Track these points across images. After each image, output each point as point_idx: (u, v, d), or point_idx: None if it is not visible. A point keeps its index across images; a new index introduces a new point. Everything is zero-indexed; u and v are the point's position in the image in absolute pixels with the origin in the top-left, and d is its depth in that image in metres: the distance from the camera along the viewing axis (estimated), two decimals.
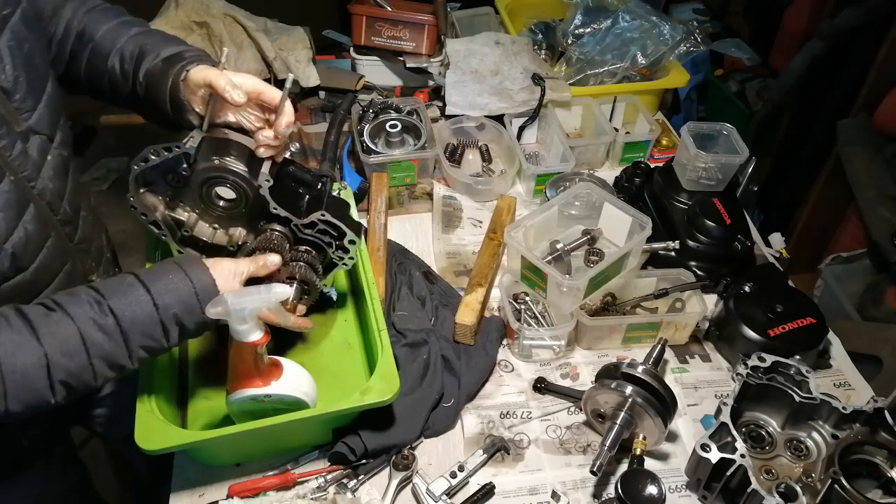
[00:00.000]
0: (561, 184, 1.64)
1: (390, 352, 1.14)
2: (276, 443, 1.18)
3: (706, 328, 1.41)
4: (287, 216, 1.10)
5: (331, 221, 1.12)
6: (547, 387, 1.30)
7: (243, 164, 1.06)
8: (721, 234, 1.46)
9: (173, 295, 0.95)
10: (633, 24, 1.89)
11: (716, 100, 3.17)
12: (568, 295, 1.29)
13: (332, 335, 1.34)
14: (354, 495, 1.13)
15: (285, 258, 1.11)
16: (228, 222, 1.14)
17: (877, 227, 2.22)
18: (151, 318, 0.93)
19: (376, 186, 1.59)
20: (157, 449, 1.01)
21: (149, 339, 0.94)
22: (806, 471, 1.15)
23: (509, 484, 1.17)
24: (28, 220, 0.96)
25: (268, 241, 1.10)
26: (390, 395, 1.08)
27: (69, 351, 0.88)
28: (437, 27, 1.91)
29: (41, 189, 1.00)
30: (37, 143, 0.99)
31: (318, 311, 1.37)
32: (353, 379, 1.26)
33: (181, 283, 0.96)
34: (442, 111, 1.84)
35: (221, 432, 1.04)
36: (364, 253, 1.30)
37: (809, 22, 2.66)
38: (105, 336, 0.90)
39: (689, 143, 1.50)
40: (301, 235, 1.13)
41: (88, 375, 0.90)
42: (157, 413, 1.05)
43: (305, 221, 1.11)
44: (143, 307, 0.93)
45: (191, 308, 0.96)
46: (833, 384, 1.35)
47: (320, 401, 1.14)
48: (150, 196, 1.10)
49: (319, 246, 1.16)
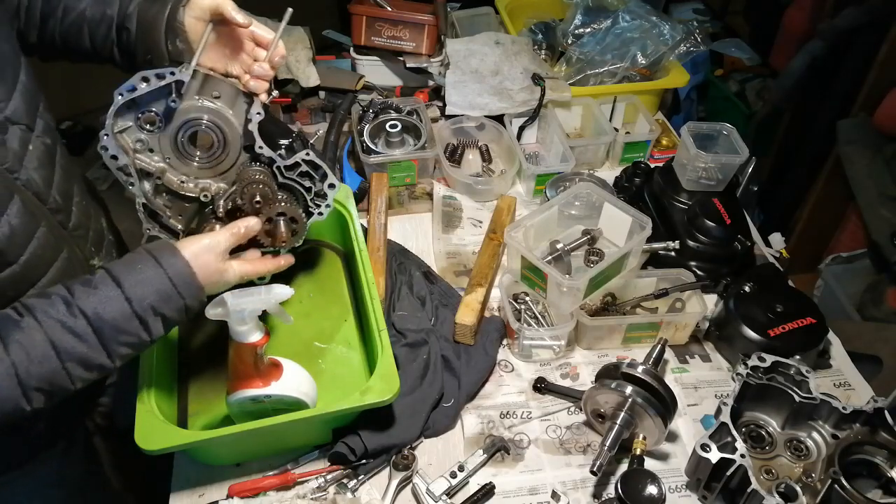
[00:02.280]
0: (561, 184, 1.64)
1: (390, 352, 1.13)
2: (276, 443, 1.18)
3: (706, 328, 1.41)
4: (271, 156, 1.10)
5: (314, 161, 1.12)
6: (547, 387, 1.30)
7: (228, 105, 1.05)
8: (721, 234, 1.46)
9: (146, 286, 0.92)
10: (633, 24, 1.89)
11: (716, 100, 3.17)
12: (568, 295, 1.29)
13: (333, 335, 1.34)
14: (354, 495, 1.13)
15: (272, 197, 1.10)
16: (199, 173, 1.11)
17: (877, 227, 2.22)
18: (124, 314, 0.90)
19: (376, 186, 1.59)
20: (157, 449, 1.01)
21: (126, 335, 0.91)
22: (806, 471, 1.15)
23: (509, 484, 1.17)
24: (13, 213, 0.94)
25: (252, 179, 1.08)
26: (390, 395, 1.08)
27: (38, 358, 0.85)
28: (437, 27, 1.90)
29: (26, 180, 0.98)
30: (17, 133, 0.98)
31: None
32: (353, 379, 1.26)
33: (152, 272, 0.93)
34: (442, 111, 1.84)
35: (221, 432, 1.04)
36: (364, 253, 1.30)
37: (809, 22, 2.65)
38: (76, 339, 0.87)
39: (689, 143, 1.50)
40: (281, 180, 1.12)
41: (63, 380, 0.88)
42: (156, 413, 1.05)
43: (290, 161, 1.10)
44: (114, 304, 0.90)
45: (167, 296, 0.93)
46: (833, 384, 1.35)
47: (320, 401, 1.14)
48: (121, 138, 1.06)
49: (297, 193, 1.15)
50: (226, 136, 1.08)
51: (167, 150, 1.08)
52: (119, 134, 1.05)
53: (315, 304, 1.40)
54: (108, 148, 1.05)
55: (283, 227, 1.12)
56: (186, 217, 1.13)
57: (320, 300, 1.41)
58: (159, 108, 1.05)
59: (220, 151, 1.09)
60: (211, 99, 1.06)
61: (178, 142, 1.07)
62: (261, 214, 1.10)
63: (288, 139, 1.14)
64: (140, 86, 1.01)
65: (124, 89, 1.01)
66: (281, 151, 1.12)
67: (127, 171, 1.07)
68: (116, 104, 1.02)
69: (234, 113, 1.07)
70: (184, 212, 1.13)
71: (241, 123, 1.08)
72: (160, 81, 1.01)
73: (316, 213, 1.18)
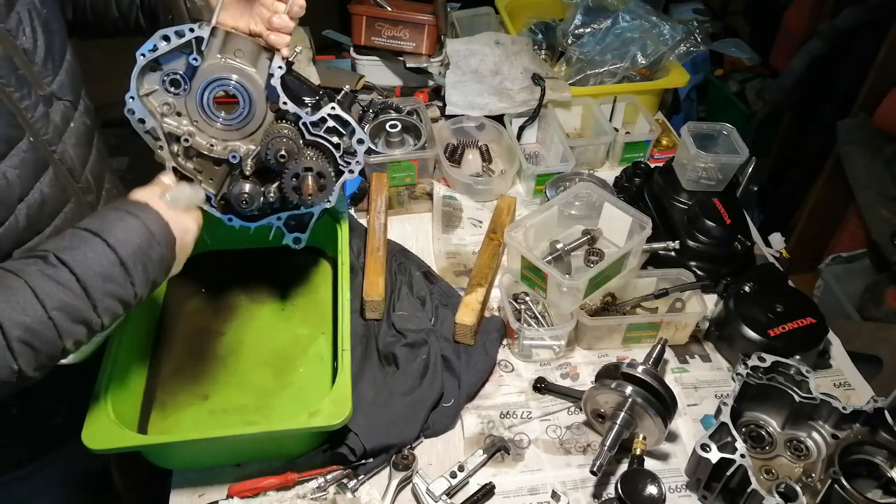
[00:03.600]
0: (561, 184, 1.64)
1: (348, 373, 1.10)
2: (241, 453, 1.17)
3: (706, 328, 1.41)
4: (297, 111, 1.07)
5: (341, 116, 1.09)
6: (547, 387, 1.30)
7: (250, 63, 1.04)
8: (721, 234, 1.46)
9: (126, 231, 0.90)
10: (633, 24, 1.89)
11: (716, 100, 3.17)
12: (568, 295, 1.29)
13: (307, 347, 1.32)
14: (354, 495, 1.13)
15: (298, 151, 1.08)
16: (227, 135, 1.09)
17: (877, 227, 2.22)
18: (108, 258, 0.87)
19: (376, 186, 1.59)
20: (102, 448, 1.00)
21: (112, 283, 0.88)
22: (806, 471, 1.15)
23: (509, 484, 1.17)
24: (45, 182, 0.97)
25: (276, 135, 1.06)
26: (339, 420, 1.04)
27: (21, 306, 0.80)
28: (437, 27, 1.90)
29: (62, 154, 1.01)
30: (60, 108, 1.01)
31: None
32: (317, 395, 1.23)
33: (128, 219, 0.91)
34: (442, 111, 1.84)
35: (168, 438, 1.07)
36: (345, 267, 1.26)
37: (809, 22, 2.65)
38: (59, 286, 0.83)
39: (689, 143, 1.50)
40: (308, 137, 1.10)
41: (51, 332, 0.83)
42: (109, 412, 1.04)
43: (315, 118, 1.08)
44: (96, 249, 0.87)
45: (149, 243, 0.91)
46: (833, 384, 1.35)
47: (280, 416, 1.14)
48: (147, 101, 1.05)
49: (327, 151, 1.12)
50: (251, 94, 1.06)
51: (194, 112, 1.07)
52: (146, 97, 1.04)
53: (295, 312, 1.38)
54: (134, 111, 1.03)
55: (311, 181, 1.09)
56: (217, 180, 1.12)
57: (302, 309, 1.39)
58: (182, 69, 1.03)
59: (246, 111, 1.07)
60: (233, 57, 1.04)
61: (203, 103, 1.06)
62: (286, 170, 1.08)
63: (314, 97, 1.11)
64: (160, 45, 1.00)
65: (145, 49, 1.00)
66: (307, 108, 1.09)
67: (155, 134, 1.06)
68: (139, 65, 1.01)
69: (258, 71, 1.05)
70: (214, 175, 1.12)
71: (265, 81, 1.06)
72: (180, 39, 1.00)
73: (347, 170, 1.14)
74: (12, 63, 0.93)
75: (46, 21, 1.00)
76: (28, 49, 0.96)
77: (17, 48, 0.95)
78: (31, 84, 0.96)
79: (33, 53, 0.97)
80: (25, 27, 0.96)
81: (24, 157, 0.93)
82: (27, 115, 0.95)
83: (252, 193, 1.11)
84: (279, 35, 1.04)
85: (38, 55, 0.97)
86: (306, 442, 1.17)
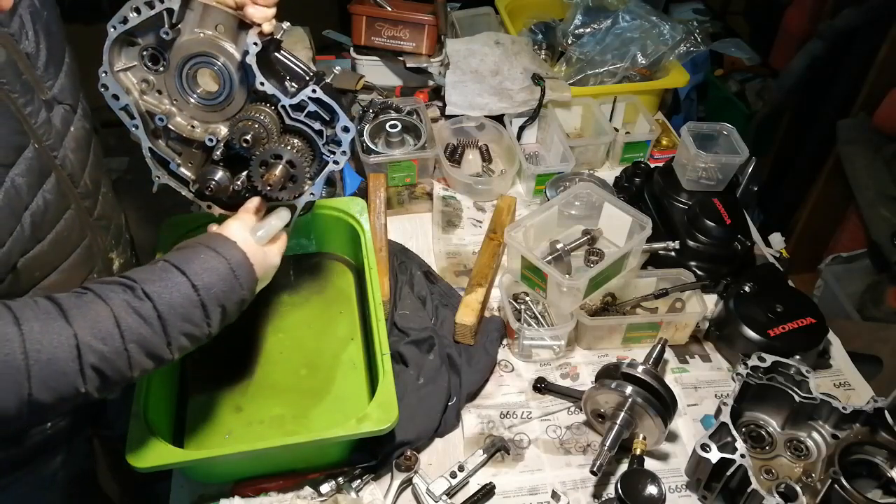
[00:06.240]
0: (561, 184, 1.64)
1: (391, 378, 1.10)
2: (280, 463, 1.15)
3: (706, 328, 1.41)
4: (274, 93, 0.99)
5: (323, 100, 1.01)
6: (547, 387, 1.30)
7: (230, 38, 0.97)
8: (721, 234, 1.46)
9: (211, 274, 0.91)
10: (633, 24, 1.89)
11: (716, 100, 3.16)
12: (568, 295, 1.29)
13: (339, 354, 1.31)
14: (357, 495, 1.13)
15: (267, 136, 1.01)
16: (207, 116, 1.04)
17: (877, 227, 2.22)
18: (190, 300, 0.89)
19: (373, 186, 1.59)
20: (149, 466, 0.99)
21: (189, 323, 0.89)
22: (806, 471, 1.15)
23: (509, 484, 1.17)
24: (48, 188, 0.96)
25: (246, 117, 0.99)
26: (388, 424, 1.04)
27: (101, 334, 0.82)
28: (437, 27, 1.90)
29: (62, 159, 1.00)
30: (60, 112, 1.00)
31: (319, 307, 1.36)
32: (355, 402, 1.23)
33: (215, 261, 0.92)
34: (442, 111, 1.84)
35: (214, 452, 1.04)
36: (374, 272, 1.26)
37: (809, 22, 2.65)
38: (141, 320, 0.85)
39: (689, 143, 1.50)
40: (289, 121, 1.03)
41: (123, 362, 0.84)
42: (150, 429, 1.02)
43: (294, 101, 1.00)
44: (181, 289, 0.88)
45: (230, 286, 0.93)
46: (833, 384, 1.35)
47: (318, 424, 1.12)
48: (124, 77, 0.99)
49: (309, 139, 1.05)
50: (230, 71, 0.99)
51: (173, 91, 1.01)
52: (123, 73, 0.99)
53: (323, 321, 1.37)
54: (108, 86, 0.98)
55: (279, 171, 1.01)
56: (197, 164, 1.07)
57: (329, 316, 1.38)
58: (156, 42, 0.97)
59: (226, 91, 1.01)
60: (213, 31, 0.98)
61: (182, 80, 1.00)
62: (253, 157, 1.02)
63: (304, 79, 1.03)
64: (131, 16, 0.94)
65: (116, 21, 0.95)
66: (290, 89, 1.02)
67: (130, 111, 1.01)
68: (111, 38, 0.96)
69: (238, 47, 0.99)
70: (193, 158, 1.07)
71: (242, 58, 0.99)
72: (150, 11, 0.94)
73: (331, 160, 1.06)
74: (16, 68, 0.92)
75: (47, 24, 0.99)
76: (31, 53, 0.95)
77: (21, 52, 0.93)
78: (33, 89, 0.94)
79: (35, 58, 0.96)
80: (28, 31, 0.94)
81: (30, 164, 0.92)
82: (31, 121, 0.93)
83: (220, 181, 1.05)
84: (257, 7, 0.97)
85: (40, 59, 0.96)
86: (349, 448, 1.16)
